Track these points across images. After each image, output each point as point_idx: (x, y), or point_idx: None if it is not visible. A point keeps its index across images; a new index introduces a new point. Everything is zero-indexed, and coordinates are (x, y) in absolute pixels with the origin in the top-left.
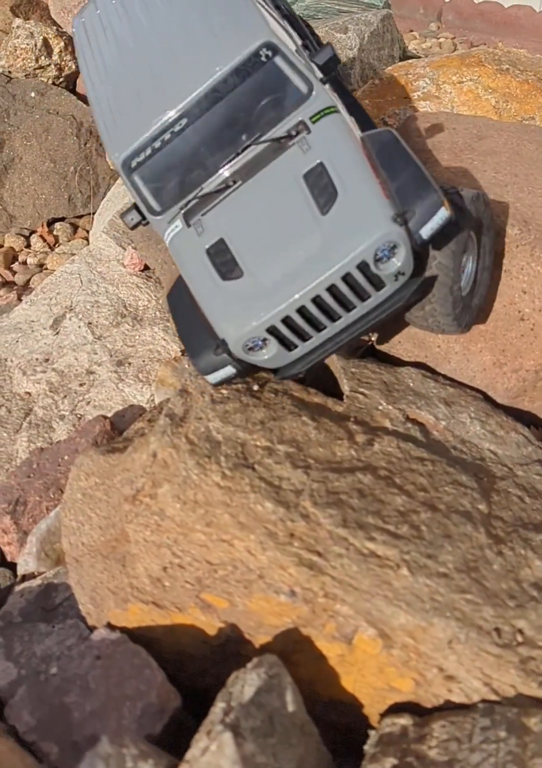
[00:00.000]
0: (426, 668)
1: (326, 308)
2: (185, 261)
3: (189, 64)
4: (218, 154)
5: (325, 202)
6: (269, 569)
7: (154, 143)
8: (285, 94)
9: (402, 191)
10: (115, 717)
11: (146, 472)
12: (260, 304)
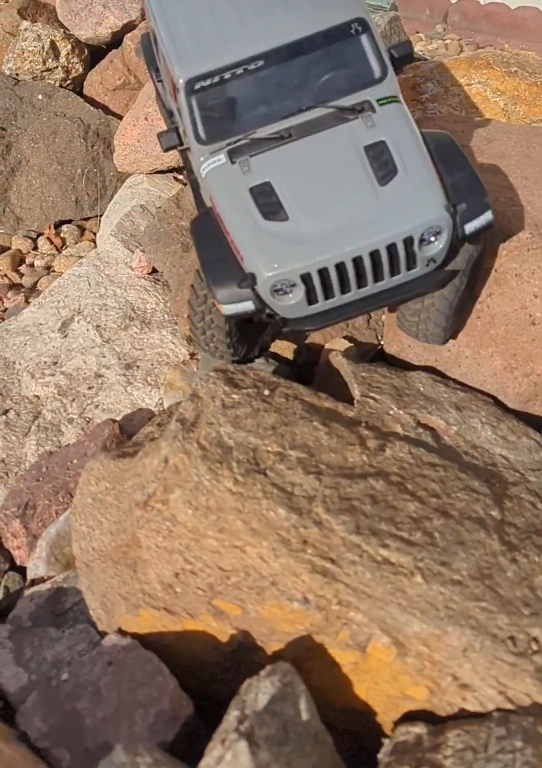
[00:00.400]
0: (440, 676)
1: (360, 272)
2: (223, 194)
3: (281, 12)
4: (282, 105)
5: (384, 176)
6: (282, 576)
7: (224, 74)
8: (361, 71)
9: (456, 187)
10: (128, 724)
11: (157, 477)
12: (301, 250)
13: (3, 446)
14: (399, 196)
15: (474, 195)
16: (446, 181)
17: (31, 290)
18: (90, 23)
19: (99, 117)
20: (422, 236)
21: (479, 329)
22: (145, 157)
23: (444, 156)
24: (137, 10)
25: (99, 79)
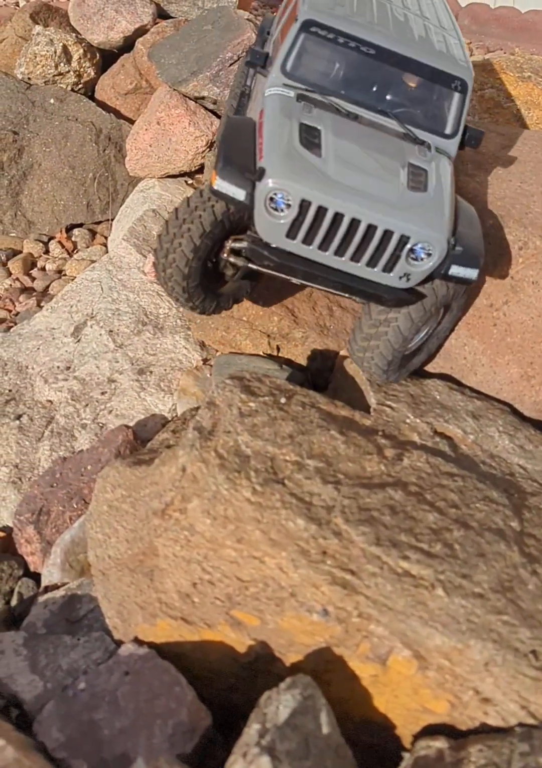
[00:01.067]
0: (461, 690)
1: (345, 239)
2: (276, 111)
3: (413, 28)
4: (365, 94)
5: (414, 186)
6: (301, 587)
7: (339, 38)
8: (438, 119)
9: (463, 237)
10: (146, 735)
11: (174, 486)
12: (316, 180)
13: (16, 451)
14: (417, 205)
15: (473, 251)
16: (458, 229)
17: (43, 294)
18: (102, 27)
19: (111, 121)
20: (414, 247)
21: (495, 337)
22: (157, 161)
23: (464, 215)
24: (148, 14)
25: (111, 84)
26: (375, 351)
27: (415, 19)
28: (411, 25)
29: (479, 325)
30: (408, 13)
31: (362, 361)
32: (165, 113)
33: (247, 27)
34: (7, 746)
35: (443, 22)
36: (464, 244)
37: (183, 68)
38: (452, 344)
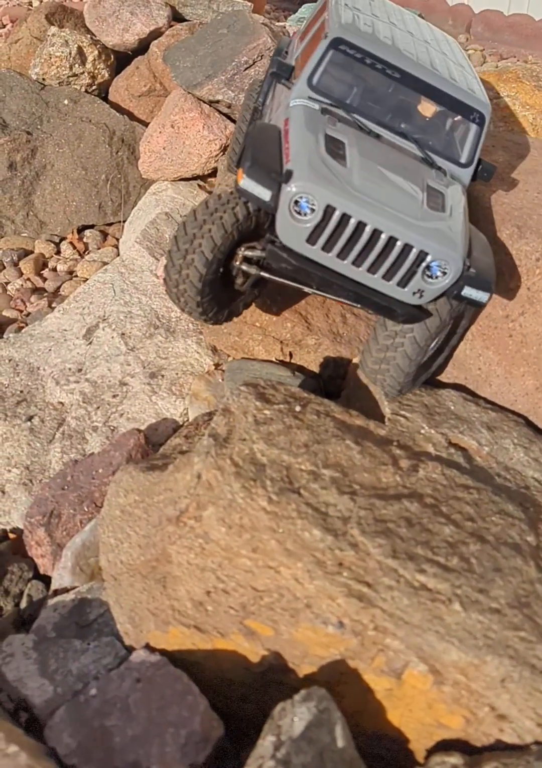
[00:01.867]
0: (477, 706)
1: (365, 249)
2: (302, 120)
3: (440, 58)
4: (387, 115)
5: (433, 206)
6: (316, 599)
7: (366, 58)
8: (455, 149)
9: (477, 261)
10: (159, 744)
11: (189, 493)
12: (341, 187)
13: (27, 453)
14: (437, 223)
15: (486, 275)
16: (473, 253)
17: (54, 295)
18: (117, 30)
19: (124, 123)
20: (431, 263)
21: (511, 348)
22: (170, 164)
23: (478, 242)
24: (163, 17)
25: (125, 85)
26: (392, 362)
27: (436, 53)
28: (433, 57)
29: (494, 336)
30: (428, 47)
31: (376, 374)
32: (179, 116)
33: (262, 31)
34: (20, 752)
35: (460, 60)
36: (477, 268)
37: (198, 72)
38: (466, 354)
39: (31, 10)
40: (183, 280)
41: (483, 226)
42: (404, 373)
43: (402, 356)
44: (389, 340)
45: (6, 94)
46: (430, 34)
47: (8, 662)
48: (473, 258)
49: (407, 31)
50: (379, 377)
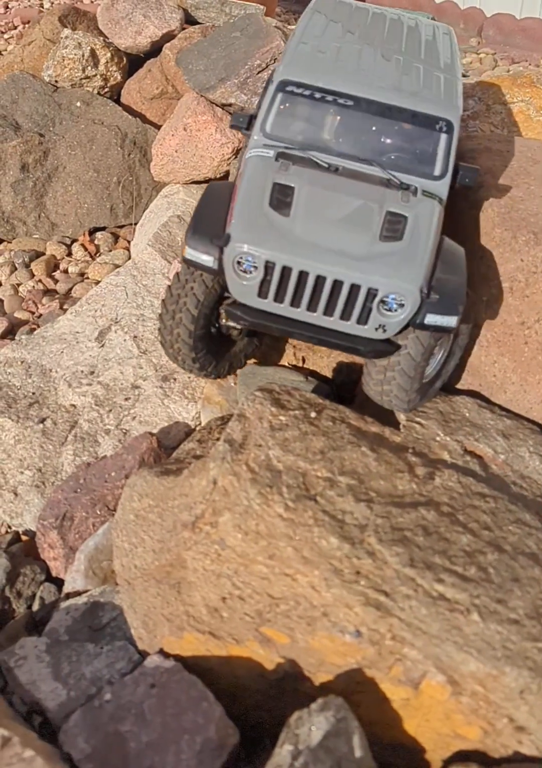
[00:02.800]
0: (495, 717)
1: (314, 295)
2: (252, 174)
3: (392, 75)
4: (347, 146)
5: (387, 236)
6: (333, 607)
7: (315, 93)
8: (425, 162)
9: (442, 283)
10: (174, 751)
11: (205, 499)
12: (280, 242)
13: (40, 455)
14: (388, 256)
15: (452, 298)
16: (438, 276)
17: (66, 297)
18: (130, 32)
19: (136, 125)
20: (385, 299)
21: (526, 355)
22: (182, 167)
23: (448, 259)
24: (176, 20)
25: (137, 88)
26: (393, 383)
27: (404, 61)
28: (398, 68)
29: (510, 343)
30: (397, 55)
31: (381, 396)
32: (192, 119)
33: (276, 35)
34: (36, 757)
35: (440, 61)
36: (441, 292)
37: (211, 75)
38: (482, 361)
39: (42, 12)
40: (176, 339)
41: (499, 233)
42: (408, 390)
43: (401, 375)
44: (384, 361)
45: (19, 96)
46: (410, 39)
47: (21, 665)
48: (437, 281)
49: (379, 45)
50: (385, 398)
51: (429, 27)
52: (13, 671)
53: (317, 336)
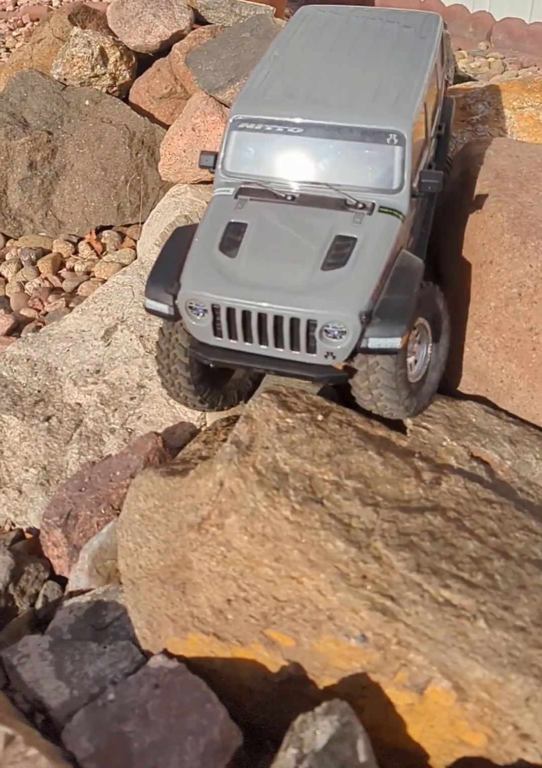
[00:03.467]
0: (500, 725)
1: (262, 330)
2: (211, 216)
3: (339, 95)
4: (302, 172)
5: (330, 264)
6: (339, 611)
7: (266, 126)
8: (381, 176)
9: (386, 304)
10: (178, 752)
11: (211, 500)
12: (223, 285)
13: (45, 453)
14: (328, 285)
15: (394, 318)
16: (383, 296)
17: (72, 295)
18: (139, 31)
19: (145, 125)
20: (326, 328)
21: (534, 361)
22: (190, 167)
23: (398, 278)
24: (186, 20)
25: (146, 87)
26: (379, 385)
27: (366, 70)
28: (355, 81)
29: (517, 349)
30: (360, 65)
31: (375, 402)
32: (200, 119)
33: None
34: (40, 756)
35: (411, 59)
36: (383, 314)
37: (220, 75)
38: (489, 366)
39: (51, 10)
40: (179, 389)
41: (508, 238)
42: (398, 400)
43: (384, 375)
44: (363, 366)
45: (28, 94)
46: (383, 40)
47: (24, 663)
48: (382, 302)
49: (345, 56)
50: (379, 404)
51: (411, 20)
52: (16, 669)
53: (275, 368)
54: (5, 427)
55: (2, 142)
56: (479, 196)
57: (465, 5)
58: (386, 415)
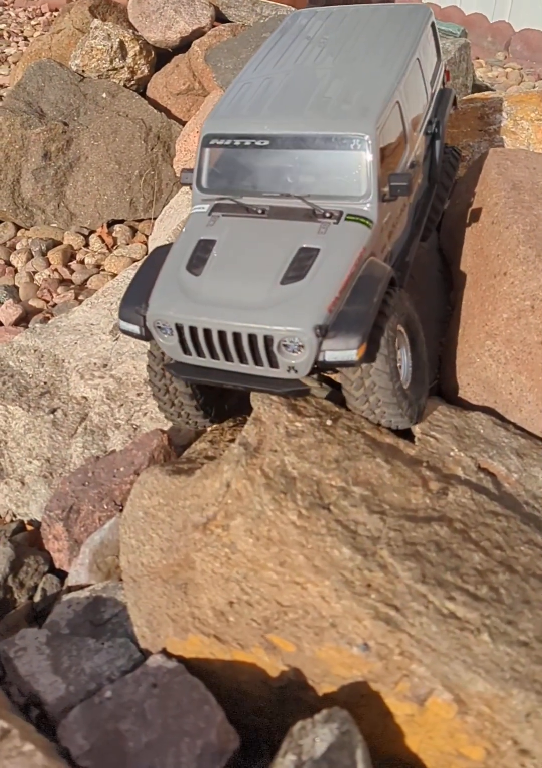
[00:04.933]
0: (500, 739)
1: (225, 347)
2: (184, 235)
3: (303, 105)
4: (272, 184)
5: (290, 277)
6: (342, 618)
7: (235, 141)
8: (347, 183)
9: (344, 316)
10: (174, 753)
11: (218, 501)
12: (185, 305)
13: (49, 445)
14: (285, 300)
15: (352, 330)
16: (342, 308)
17: (81, 287)
18: (160, 26)
19: (161, 120)
20: (283, 341)
21: None
22: None
23: (361, 287)
24: (207, 16)
25: (163, 83)
26: (375, 389)
27: (335, 74)
28: (323, 87)
29: (528, 362)
30: (332, 68)
31: (373, 410)
32: None
33: None
34: (36, 751)
35: (385, 64)
36: (340, 327)
37: None
38: (498, 378)
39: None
40: (187, 418)
41: (523, 251)
42: (393, 390)
43: (379, 376)
44: (357, 372)
45: (45, 84)
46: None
47: (20, 656)
48: (341, 314)
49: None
50: (377, 411)
51: (396, 14)
52: (12, 662)
53: (243, 384)
54: (10, 417)
55: (17, 131)
56: (495, 207)
57: (485, 14)
58: (386, 423)
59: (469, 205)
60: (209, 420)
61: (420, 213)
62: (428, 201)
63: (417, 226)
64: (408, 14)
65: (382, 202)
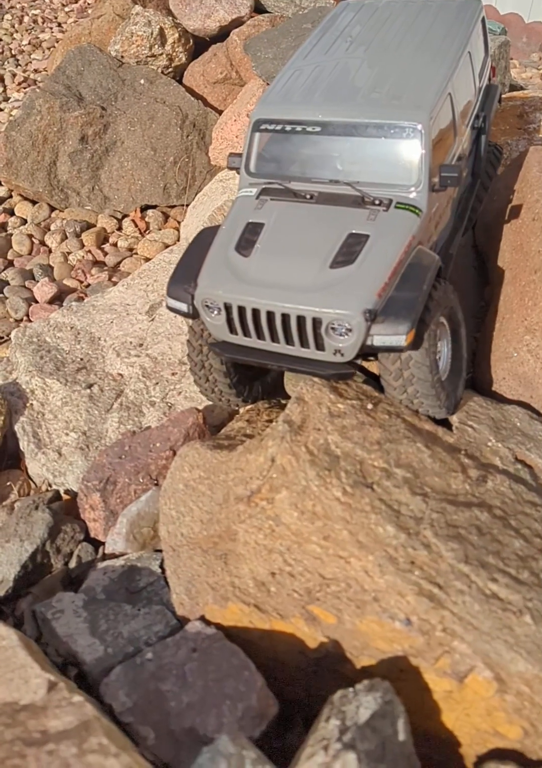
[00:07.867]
0: (538, 719)
1: (273, 328)
2: (231, 217)
3: (357, 95)
4: (321, 170)
5: (339, 262)
6: (386, 593)
7: (286, 126)
8: (399, 171)
9: (393, 302)
10: (215, 714)
11: (262, 475)
12: (235, 285)
13: (86, 419)
14: (334, 283)
15: (401, 316)
16: (392, 294)
17: (114, 269)
18: (200, 15)
19: (197, 108)
20: (332, 326)
21: None
22: None
23: (409, 274)
24: (246, 6)
25: (201, 71)
26: (414, 381)
27: (390, 63)
28: (377, 75)
29: None
30: (386, 57)
31: (412, 399)
32: None
33: None
34: (85, 703)
35: (438, 55)
36: (389, 312)
37: (279, 64)
38: (536, 373)
39: None
40: (220, 395)
41: None
42: (432, 383)
43: (418, 368)
44: (396, 363)
45: (84, 68)
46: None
47: (58, 618)
48: (390, 299)
49: (372, 50)
50: (415, 401)
51: (448, 6)
52: (50, 623)
53: (288, 365)
54: (48, 390)
55: (56, 113)
56: (536, 204)
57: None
58: (423, 413)
59: (508, 202)
60: (242, 399)
61: (463, 207)
62: (471, 196)
63: (460, 220)
64: (460, 7)
65: (431, 192)
